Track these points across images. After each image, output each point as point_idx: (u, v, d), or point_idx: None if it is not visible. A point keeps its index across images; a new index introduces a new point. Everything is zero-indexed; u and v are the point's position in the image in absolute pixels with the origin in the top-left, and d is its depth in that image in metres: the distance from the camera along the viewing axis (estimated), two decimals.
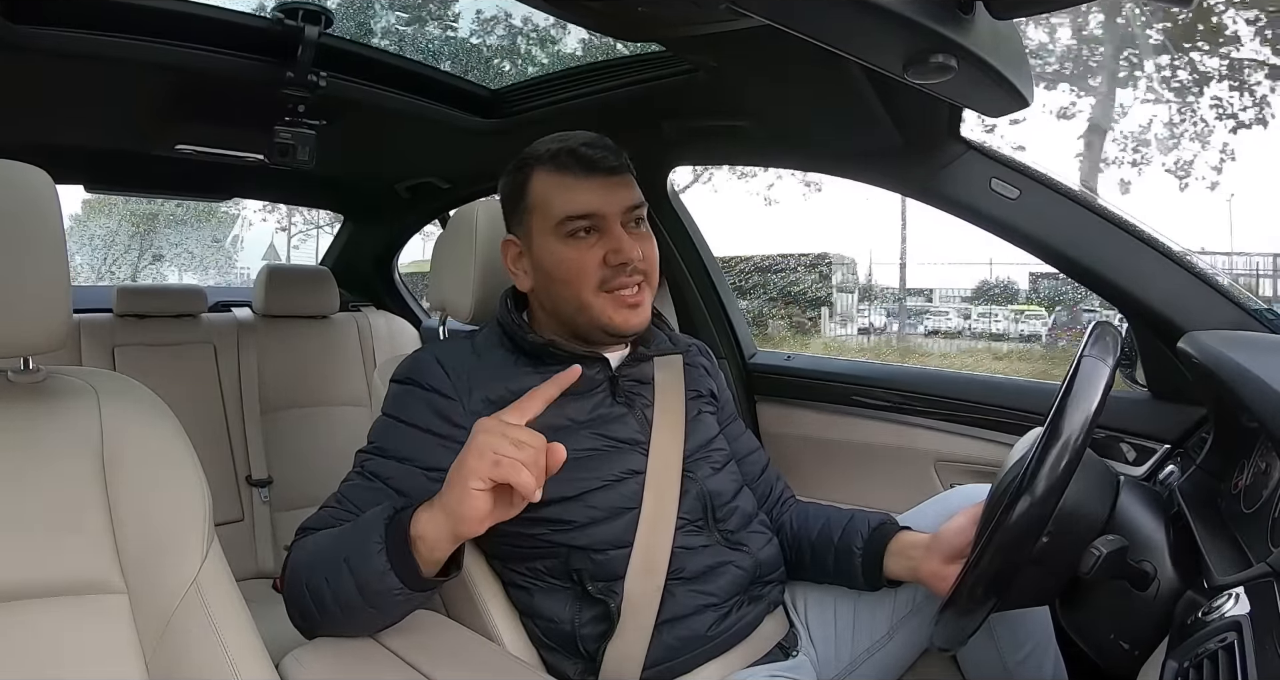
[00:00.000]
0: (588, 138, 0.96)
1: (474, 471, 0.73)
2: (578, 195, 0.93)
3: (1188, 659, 0.62)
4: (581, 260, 0.94)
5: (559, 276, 0.95)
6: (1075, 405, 0.73)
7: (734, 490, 1.03)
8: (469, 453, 0.74)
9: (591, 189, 0.93)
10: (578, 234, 0.94)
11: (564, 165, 0.94)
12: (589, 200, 0.93)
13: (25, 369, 0.75)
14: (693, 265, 1.71)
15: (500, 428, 0.74)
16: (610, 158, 0.94)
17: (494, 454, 0.72)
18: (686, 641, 0.92)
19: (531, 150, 0.98)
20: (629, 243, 0.94)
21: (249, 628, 0.76)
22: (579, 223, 0.93)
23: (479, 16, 3.61)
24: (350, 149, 1.67)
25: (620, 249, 0.93)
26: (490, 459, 0.72)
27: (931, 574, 0.92)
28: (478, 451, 0.73)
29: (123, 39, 1.12)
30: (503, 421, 0.75)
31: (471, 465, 0.73)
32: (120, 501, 0.73)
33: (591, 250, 0.94)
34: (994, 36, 0.72)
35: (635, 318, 0.96)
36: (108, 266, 12.14)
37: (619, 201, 0.94)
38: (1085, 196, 1.16)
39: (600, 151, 0.94)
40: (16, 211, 0.69)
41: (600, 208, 0.94)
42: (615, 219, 0.94)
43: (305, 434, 1.90)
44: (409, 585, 0.77)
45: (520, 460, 0.72)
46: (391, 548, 0.76)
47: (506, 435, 0.73)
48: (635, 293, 0.95)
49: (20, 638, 0.68)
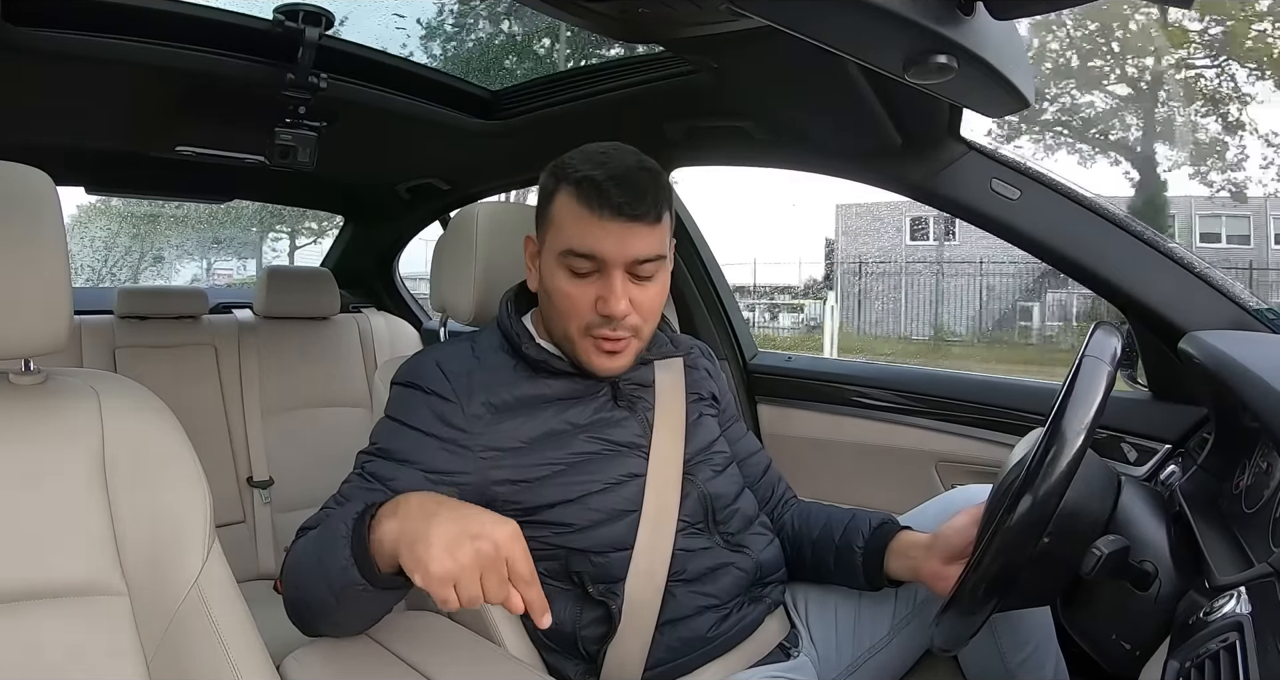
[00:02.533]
0: (622, 171, 0.89)
1: (423, 566, 0.67)
2: (590, 232, 0.89)
3: (1189, 659, 0.62)
4: (573, 297, 0.91)
5: (554, 303, 0.94)
6: (1076, 405, 0.73)
7: (735, 492, 1.03)
8: (441, 551, 0.67)
9: (604, 231, 0.89)
10: (577, 269, 0.91)
11: (586, 196, 0.89)
12: (596, 243, 0.89)
13: (26, 370, 0.75)
14: (693, 266, 1.72)
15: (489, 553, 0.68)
16: (634, 204, 0.88)
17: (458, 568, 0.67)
18: (687, 642, 0.92)
19: (571, 159, 0.93)
20: (619, 296, 0.89)
21: (250, 629, 0.75)
22: (580, 261, 0.90)
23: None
24: (351, 150, 1.67)
25: (608, 300, 0.89)
26: (455, 570, 0.67)
27: (932, 574, 0.92)
28: (452, 556, 0.67)
29: (123, 41, 1.12)
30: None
31: (436, 561, 0.67)
32: (121, 503, 0.73)
33: (585, 290, 0.91)
34: (994, 37, 0.72)
35: (612, 363, 0.94)
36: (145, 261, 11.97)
37: (628, 251, 0.89)
38: (1086, 197, 1.16)
39: (628, 195, 0.88)
40: (17, 213, 0.69)
41: (605, 254, 0.89)
42: (618, 267, 0.90)
43: (306, 435, 1.90)
44: (371, 581, 0.73)
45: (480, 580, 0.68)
46: (355, 543, 0.74)
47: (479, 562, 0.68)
48: (617, 344, 0.93)
49: (21, 640, 0.68)
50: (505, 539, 0.69)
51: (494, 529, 0.69)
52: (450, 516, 0.70)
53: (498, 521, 0.70)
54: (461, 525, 0.69)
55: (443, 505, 0.72)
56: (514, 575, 0.69)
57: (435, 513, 0.70)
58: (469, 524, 0.69)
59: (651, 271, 0.92)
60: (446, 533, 0.68)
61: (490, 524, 0.70)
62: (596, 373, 0.95)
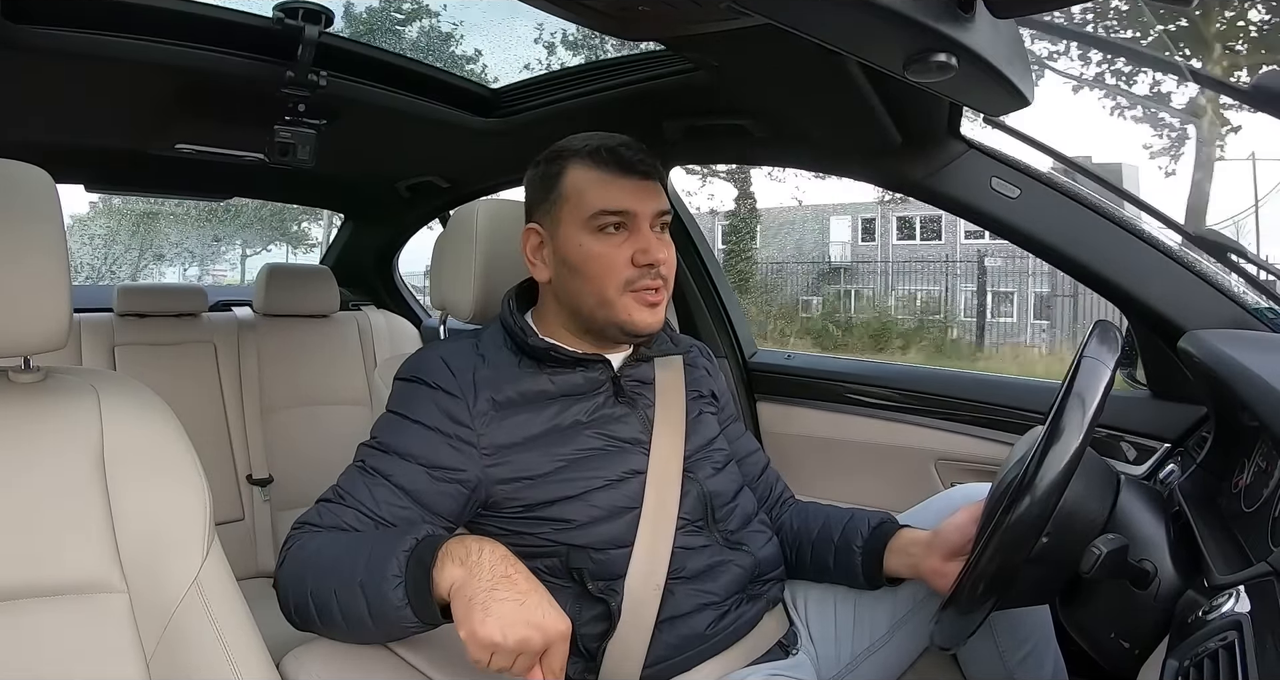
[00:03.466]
0: (625, 140, 0.97)
1: (483, 641, 0.72)
2: (613, 192, 0.94)
3: (1188, 658, 0.62)
4: (610, 256, 0.94)
5: (586, 271, 0.95)
6: (1076, 404, 0.73)
7: (734, 490, 1.03)
8: (495, 626, 0.71)
9: (627, 188, 0.94)
10: (608, 229, 0.94)
11: (603, 161, 0.95)
12: (624, 198, 0.94)
13: (26, 368, 0.75)
14: (693, 265, 1.72)
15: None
16: (646, 162, 0.96)
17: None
18: (686, 640, 0.92)
19: (567, 144, 0.99)
20: (656, 244, 0.95)
21: (250, 627, 0.76)
22: (611, 218, 0.94)
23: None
24: (350, 148, 1.66)
25: (648, 249, 0.94)
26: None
27: (932, 571, 0.92)
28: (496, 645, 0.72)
29: (123, 38, 1.12)
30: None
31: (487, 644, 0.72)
32: (121, 501, 0.73)
33: (620, 248, 0.94)
34: (994, 35, 0.72)
35: (653, 317, 0.97)
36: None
37: (651, 204, 0.96)
38: (1086, 195, 1.16)
39: (638, 154, 0.96)
40: (17, 211, 0.69)
41: (634, 207, 0.94)
42: (646, 220, 0.95)
43: (306, 433, 1.90)
44: (424, 620, 0.77)
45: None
46: (410, 584, 0.76)
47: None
48: (656, 294, 0.96)
49: (21, 637, 0.68)
50: (557, 638, 0.74)
51: (552, 625, 0.73)
52: (517, 595, 0.73)
53: (558, 618, 0.74)
54: (525, 612, 0.72)
55: (513, 577, 0.75)
56: (545, 665, 0.74)
57: (504, 585, 0.73)
58: (531, 613, 0.73)
59: (666, 224, 0.99)
60: (508, 613, 0.72)
61: (551, 619, 0.74)
62: (640, 330, 0.96)
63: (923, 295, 11.85)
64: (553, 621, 0.73)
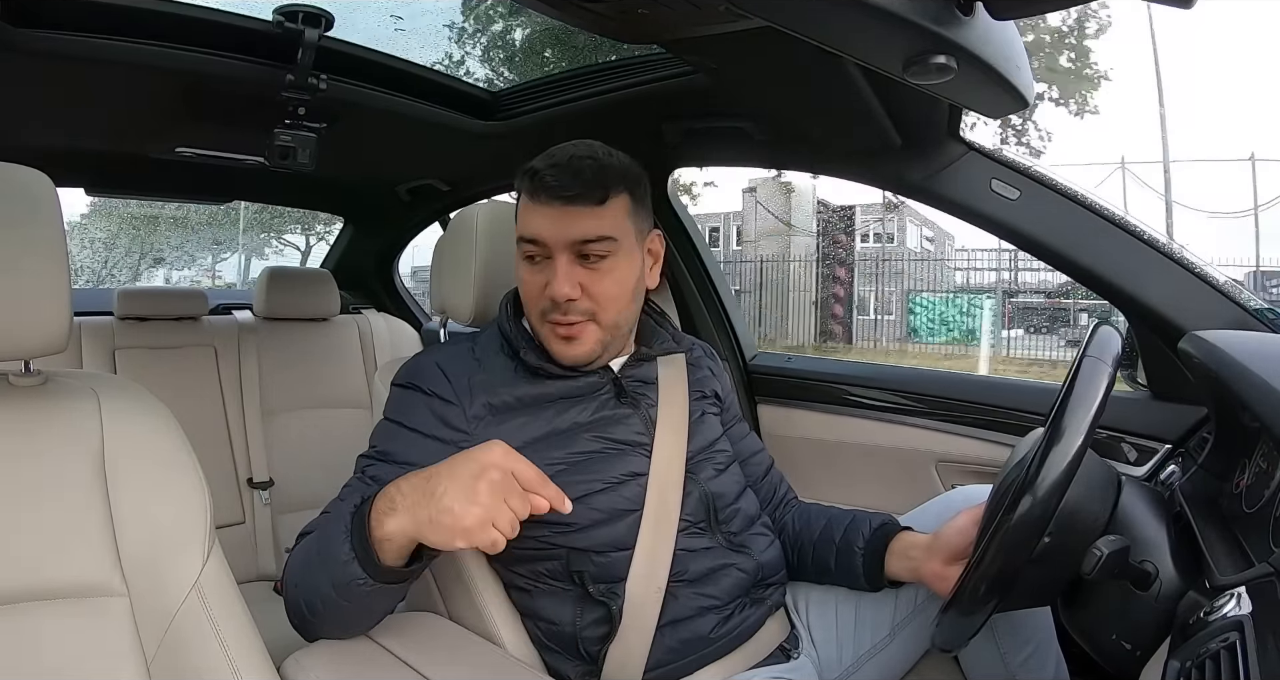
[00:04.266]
0: (564, 159, 0.91)
1: (458, 527, 0.71)
2: (530, 219, 0.93)
3: (1190, 659, 0.62)
4: (529, 284, 0.95)
5: (521, 293, 0.97)
6: (1077, 405, 0.73)
7: (737, 492, 1.03)
8: (464, 506, 0.71)
9: (542, 216, 0.91)
10: (528, 257, 0.94)
11: (527, 186, 0.93)
12: (536, 226, 0.92)
13: (26, 372, 0.75)
14: (692, 266, 1.72)
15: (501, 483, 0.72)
16: (570, 185, 0.90)
17: (480, 510, 0.71)
18: (688, 643, 0.92)
19: (533, 160, 0.96)
20: (562, 279, 0.90)
21: (250, 630, 0.76)
22: (528, 247, 0.93)
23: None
24: (350, 152, 1.67)
25: (551, 283, 0.91)
26: (477, 517, 0.71)
27: (933, 574, 0.92)
28: (471, 498, 0.71)
29: (123, 42, 1.12)
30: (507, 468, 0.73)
31: (458, 517, 0.71)
32: (121, 504, 0.73)
33: (536, 277, 0.94)
34: (994, 37, 0.72)
35: (571, 351, 0.95)
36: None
37: (566, 233, 0.90)
38: (1085, 197, 1.16)
39: (564, 178, 0.90)
40: (17, 214, 0.69)
41: (544, 236, 0.91)
42: (560, 250, 0.91)
43: (306, 436, 1.90)
44: (372, 575, 0.75)
45: (501, 513, 0.71)
46: (356, 539, 0.76)
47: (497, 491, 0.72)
48: (569, 329, 0.93)
49: (21, 641, 0.68)
50: (503, 459, 0.73)
51: (487, 457, 0.73)
52: (447, 475, 0.73)
53: (484, 449, 0.74)
54: (461, 475, 0.72)
55: (431, 475, 0.75)
56: (525, 484, 0.73)
57: (432, 484, 0.73)
58: (466, 468, 0.73)
59: (601, 253, 0.92)
60: (455, 490, 0.72)
61: (481, 456, 0.74)
62: (559, 361, 0.96)
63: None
64: (483, 454, 0.73)
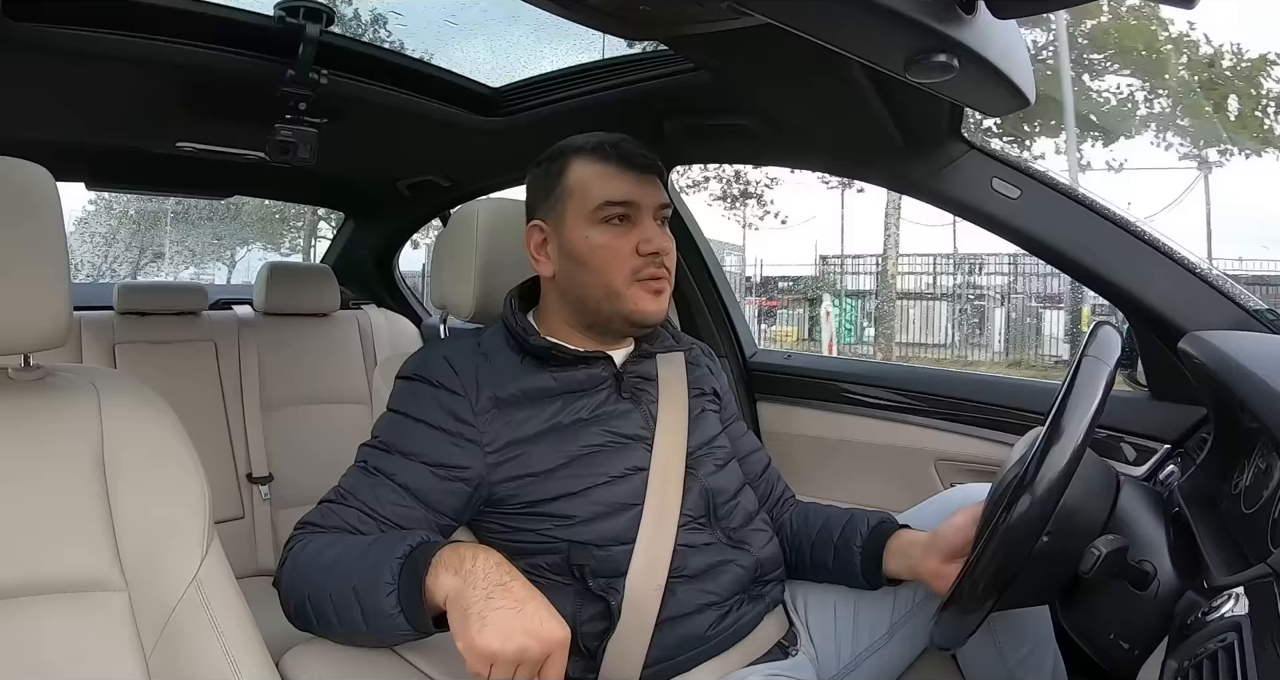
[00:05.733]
0: (624, 137, 1.00)
1: (482, 652, 0.70)
2: (617, 184, 0.97)
3: (1187, 659, 0.62)
4: (616, 247, 0.96)
5: (592, 262, 0.97)
6: (1076, 405, 0.73)
7: (736, 488, 1.03)
8: (493, 636, 0.70)
9: (630, 180, 0.97)
10: (613, 221, 0.96)
11: (606, 155, 0.97)
12: (628, 190, 0.96)
13: (25, 366, 0.75)
14: (693, 264, 1.72)
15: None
16: (647, 156, 0.99)
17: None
18: (687, 640, 0.92)
19: (568, 143, 1.01)
20: (660, 234, 0.98)
21: (249, 625, 0.76)
22: (615, 209, 0.96)
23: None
24: (351, 147, 1.66)
25: (652, 239, 0.96)
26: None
27: (931, 572, 0.92)
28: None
29: (124, 37, 1.12)
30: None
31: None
32: (120, 499, 0.74)
33: (625, 238, 0.96)
34: (995, 36, 0.72)
35: (657, 306, 0.98)
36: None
37: (653, 197, 0.98)
38: (1086, 196, 1.16)
39: (638, 149, 0.99)
40: (17, 209, 0.69)
41: (637, 198, 0.97)
42: (649, 212, 0.97)
43: (306, 431, 1.90)
44: (416, 628, 0.77)
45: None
46: (403, 591, 0.76)
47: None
48: (662, 283, 0.98)
49: (20, 635, 0.68)
50: (555, 646, 0.72)
51: (550, 633, 0.72)
52: (513, 603, 0.72)
53: (556, 625, 0.73)
54: (522, 621, 0.71)
55: (509, 585, 0.74)
56: (544, 674, 0.72)
57: (500, 594, 0.72)
58: (529, 621, 0.71)
59: (668, 217, 1.01)
60: (505, 621, 0.71)
61: (549, 627, 0.72)
62: (646, 319, 0.98)
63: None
64: (550, 629, 0.72)
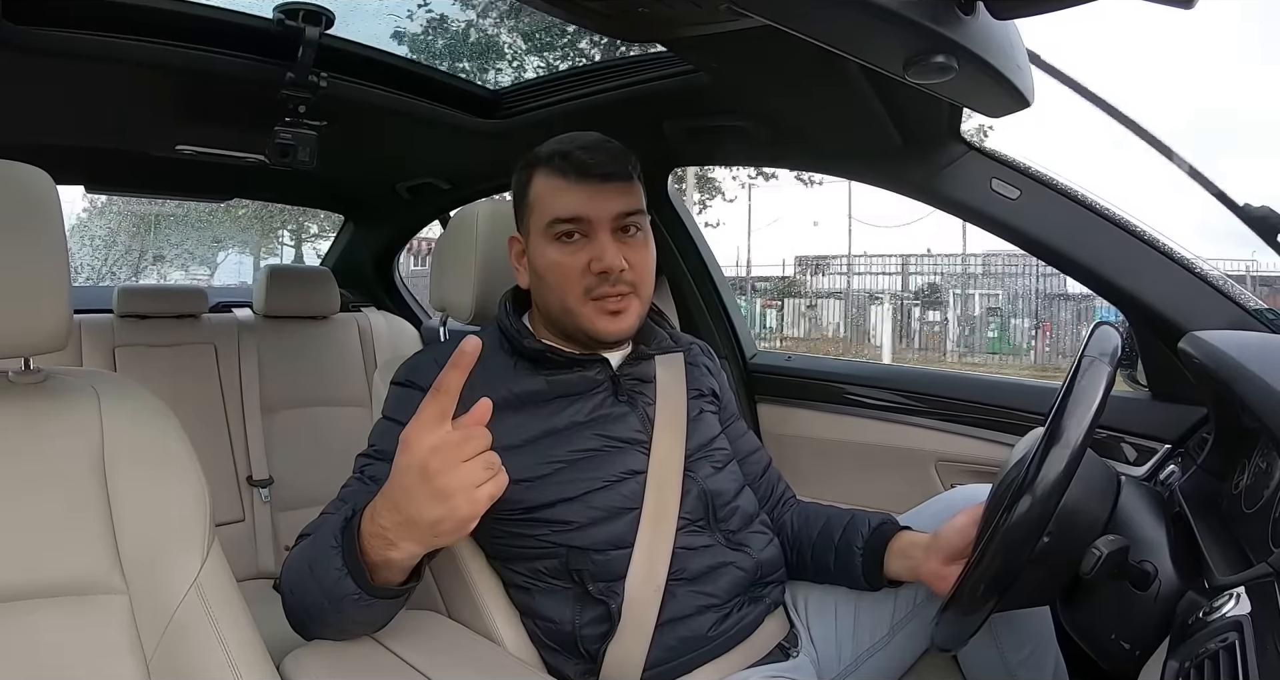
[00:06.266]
0: (588, 141, 0.95)
1: (459, 520, 0.69)
2: (567, 199, 0.93)
3: (1189, 659, 0.62)
4: (566, 265, 0.94)
5: (548, 280, 0.96)
6: (1076, 405, 0.73)
7: (735, 490, 1.03)
8: (458, 499, 0.68)
9: (581, 193, 0.93)
10: (562, 238, 0.94)
11: (558, 168, 0.94)
12: (576, 204, 0.93)
13: (26, 370, 0.75)
14: (693, 265, 1.72)
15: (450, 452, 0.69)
16: (605, 163, 0.94)
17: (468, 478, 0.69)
18: (687, 642, 0.92)
19: (537, 150, 0.98)
20: (612, 251, 0.93)
21: (250, 628, 0.76)
22: (565, 226, 0.94)
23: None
24: (351, 149, 1.67)
25: (602, 257, 0.92)
26: (472, 480, 0.69)
27: (932, 573, 0.92)
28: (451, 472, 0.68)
29: (123, 39, 1.12)
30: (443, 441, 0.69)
31: (461, 482, 0.68)
32: (121, 502, 0.73)
33: (576, 255, 0.94)
34: (995, 37, 0.72)
35: (616, 326, 0.95)
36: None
37: (608, 208, 0.94)
38: (1086, 197, 1.16)
39: (596, 156, 0.94)
40: (17, 212, 0.69)
41: (586, 213, 0.93)
42: (603, 225, 0.93)
43: (306, 434, 1.90)
44: (366, 590, 0.75)
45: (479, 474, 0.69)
46: (347, 554, 0.75)
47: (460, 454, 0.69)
48: (618, 301, 0.95)
49: (21, 638, 0.68)
50: (419, 444, 0.69)
51: (411, 457, 0.69)
52: (403, 496, 0.70)
53: (404, 453, 0.70)
54: (412, 487, 0.69)
55: (396, 503, 0.71)
56: (456, 442, 0.69)
57: (405, 511, 0.70)
58: (408, 478, 0.69)
59: (638, 225, 0.97)
60: (423, 500, 0.68)
61: (406, 459, 0.70)
62: (604, 338, 0.96)
63: None
64: (409, 457, 0.69)
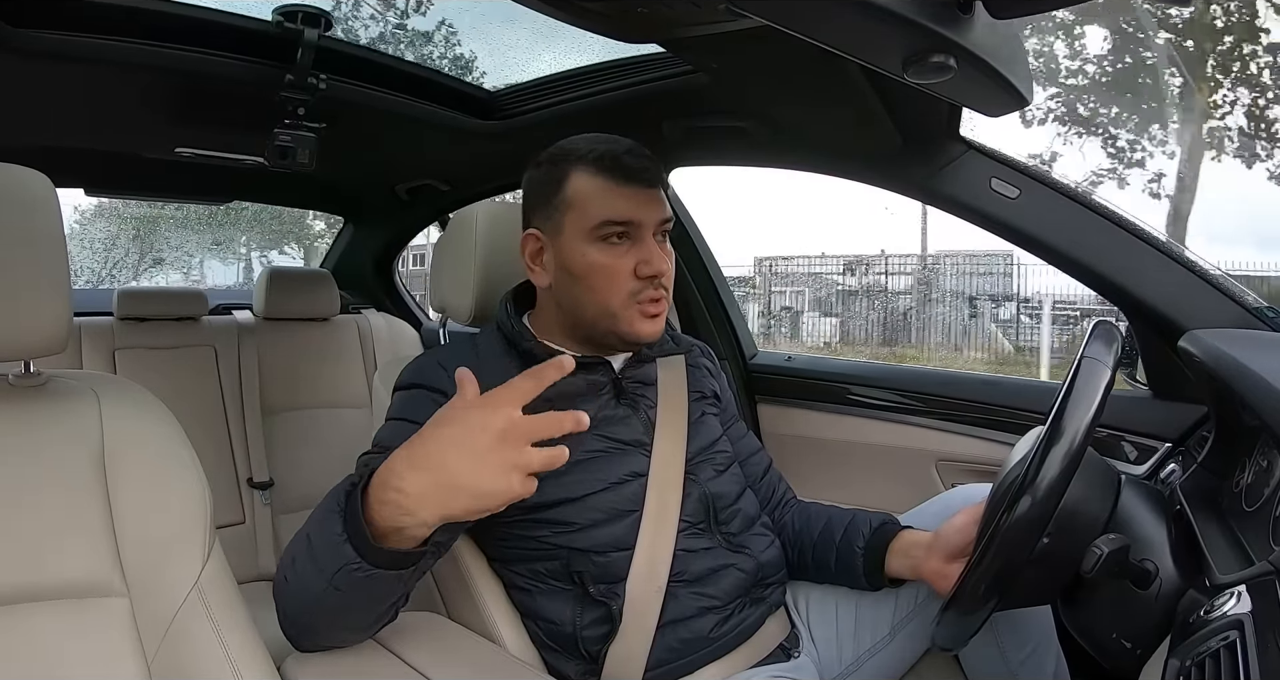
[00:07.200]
0: (630, 146, 0.96)
1: (505, 495, 0.67)
2: (618, 202, 0.93)
3: (1190, 658, 0.62)
4: (614, 268, 0.93)
5: (589, 281, 0.94)
6: (1076, 404, 0.73)
7: (736, 492, 1.03)
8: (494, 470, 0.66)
9: (632, 198, 0.93)
10: (611, 239, 0.94)
11: (608, 169, 0.94)
12: (629, 209, 0.93)
13: (26, 372, 0.75)
14: (693, 266, 1.72)
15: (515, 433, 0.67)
16: (651, 169, 0.95)
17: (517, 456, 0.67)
18: (688, 643, 0.92)
19: (571, 147, 0.97)
20: (659, 256, 0.94)
21: (250, 630, 0.76)
22: (615, 228, 0.93)
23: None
24: (350, 151, 1.67)
25: (651, 261, 0.93)
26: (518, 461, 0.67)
27: (933, 573, 0.92)
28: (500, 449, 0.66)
29: (122, 42, 1.12)
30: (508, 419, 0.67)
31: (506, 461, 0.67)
32: (121, 504, 0.73)
33: (623, 258, 0.94)
34: (993, 36, 0.72)
35: (653, 328, 0.96)
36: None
37: (655, 214, 0.95)
38: (1085, 196, 1.16)
39: (643, 162, 0.95)
40: (17, 215, 0.69)
41: (638, 217, 0.93)
42: (649, 230, 0.94)
43: (306, 436, 1.90)
44: (367, 558, 0.69)
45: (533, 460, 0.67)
46: (349, 518, 0.69)
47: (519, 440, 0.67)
48: (657, 305, 0.96)
49: (21, 641, 0.68)
50: (505, 409, 0.68)
51: (491, 415, 0.68)
52: (494, 443, 0.67)
53: (486, 413, 0.68)
54: (504, 449, 0.67)
55: (469, 449, 0.67)
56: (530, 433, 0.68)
57: (467, 458, 0.67)
58: (479, 440, 0.67)
59: (668, 231, 0.99)
60: (472, 467, 0.66)
61: (482, 414, 0.68)
62: (643, 340, 0.96)
63: None
64: (487, 411, 0.68)
